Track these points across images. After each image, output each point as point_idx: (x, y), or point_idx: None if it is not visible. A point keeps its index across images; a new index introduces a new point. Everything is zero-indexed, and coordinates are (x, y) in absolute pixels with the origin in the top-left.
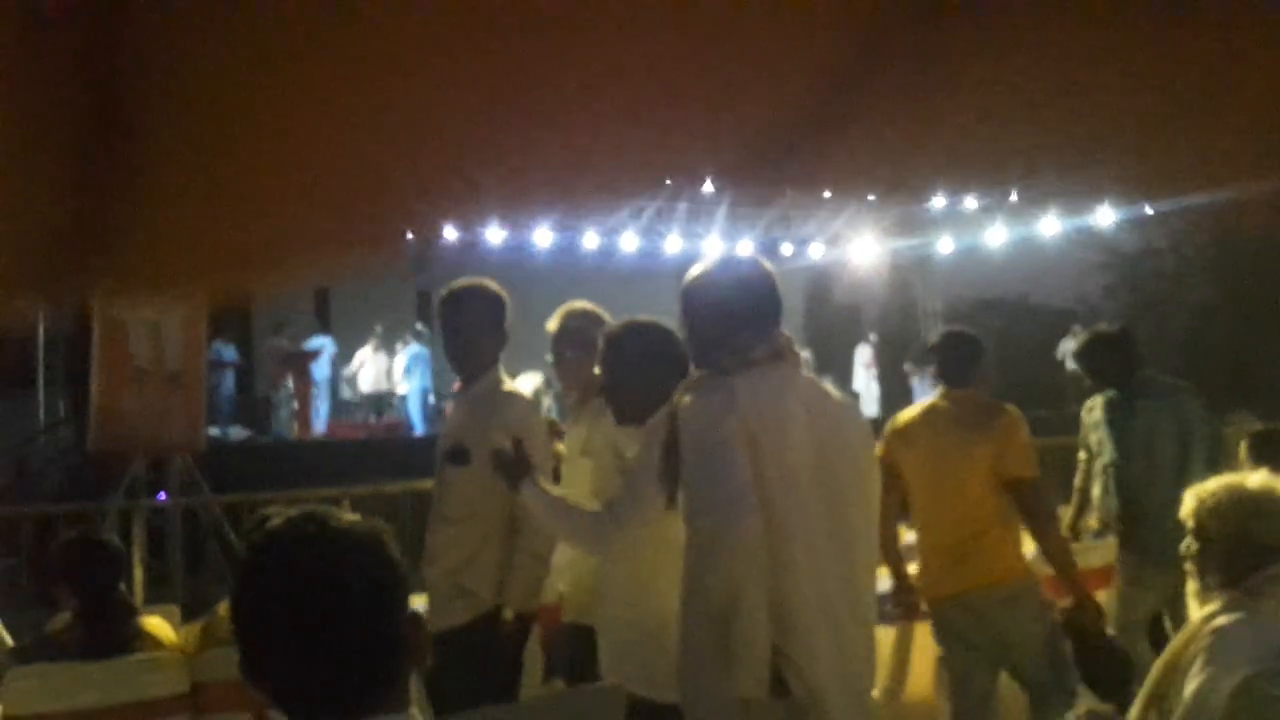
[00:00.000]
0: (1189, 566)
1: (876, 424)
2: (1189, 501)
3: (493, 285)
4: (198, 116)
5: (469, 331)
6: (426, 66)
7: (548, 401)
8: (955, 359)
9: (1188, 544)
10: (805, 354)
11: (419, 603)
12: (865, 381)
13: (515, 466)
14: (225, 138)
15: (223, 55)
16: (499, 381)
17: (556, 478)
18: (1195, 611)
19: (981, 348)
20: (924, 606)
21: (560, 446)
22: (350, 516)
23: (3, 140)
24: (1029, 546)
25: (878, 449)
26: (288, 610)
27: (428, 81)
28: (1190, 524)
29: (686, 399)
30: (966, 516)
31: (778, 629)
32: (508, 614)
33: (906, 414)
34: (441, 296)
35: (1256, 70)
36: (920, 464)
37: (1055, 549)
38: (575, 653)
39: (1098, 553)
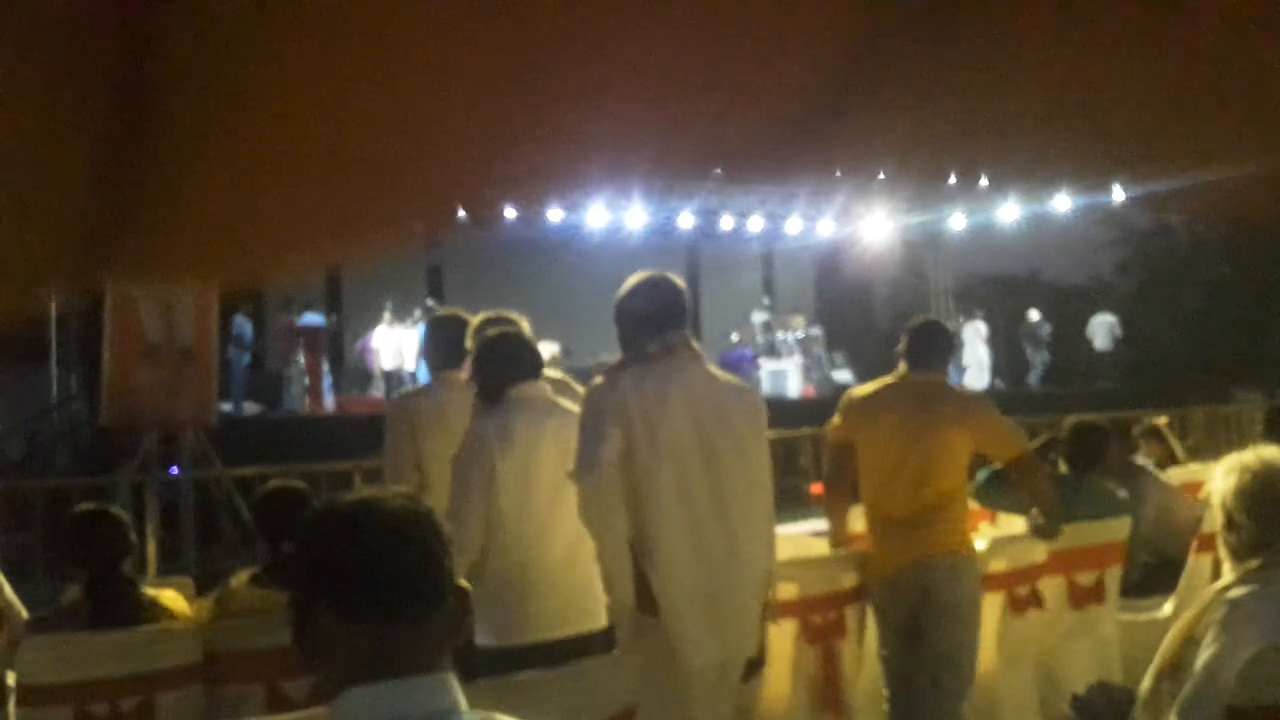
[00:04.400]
0: (1219, 538)
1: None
2: (1216, 477)
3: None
4: (215, 99)
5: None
6: (438, 52)
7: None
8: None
9: (1219, 519)
10: (815, 331)
11: None
12: (978, 356)
13: None
14: (242, 120)
15: (239, 37)
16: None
17: None
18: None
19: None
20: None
21: None
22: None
23: (18, 124)
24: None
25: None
26: (360, 546)
27: (439, 66)
28: (1217, 499)
29: (592, 385)
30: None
31: (645, 558)
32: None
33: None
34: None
35: (1274, 46)
36: (883, 440)
37: None
38: None
39: None
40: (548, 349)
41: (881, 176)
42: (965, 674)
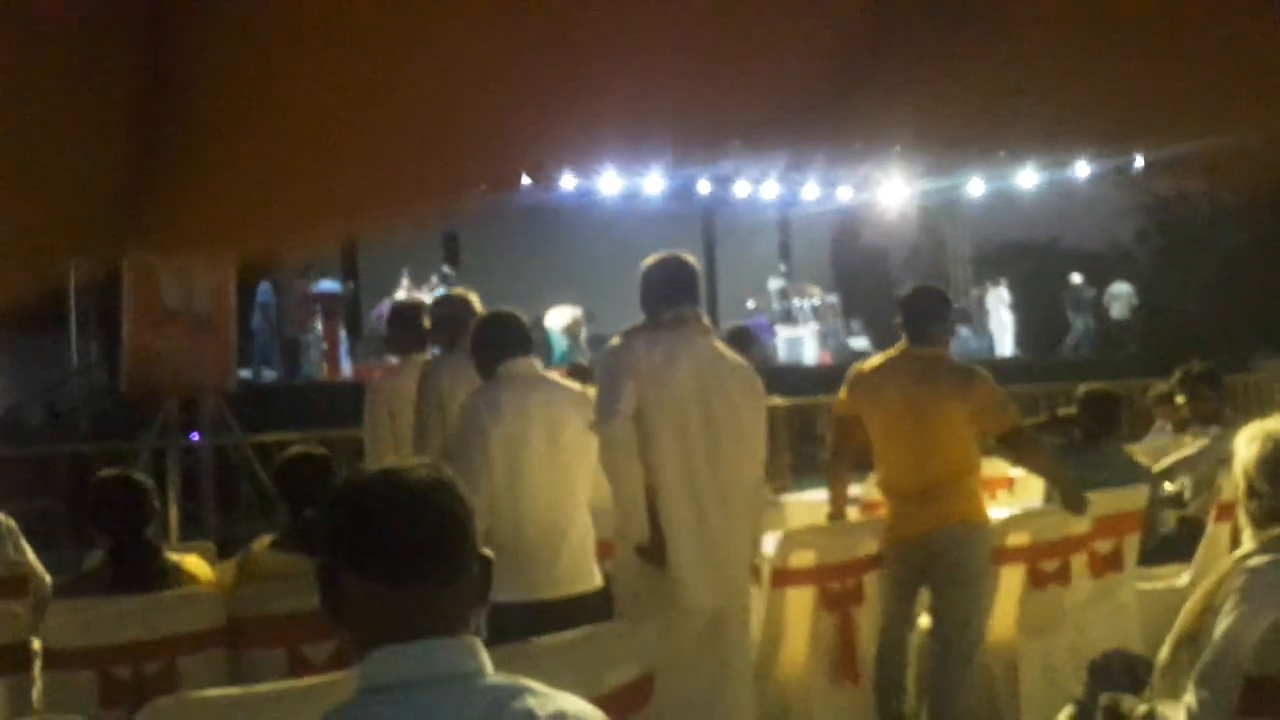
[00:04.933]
0: (1239, 506)
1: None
2: (1238, 445)
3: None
4: (235, 72)
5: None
6: (457, 21)
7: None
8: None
9: (1240, 486)
10: (832, 298)
11: None
12: (1001, 321)
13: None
14: (262, 92)
15: (260, 12)
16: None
17: None
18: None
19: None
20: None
21: (590, 390)
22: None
23: (41, 97)
24: None
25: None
26: (387, 509)
27: (459, 35)
28: (1239, 468)
29: (610, 344)
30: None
31: (652, 501)
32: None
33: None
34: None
35: None
36: (888, 416)
37: None
38: None
39: None
40: (569, 313)
41: (899, 149)
42: (974, 636)
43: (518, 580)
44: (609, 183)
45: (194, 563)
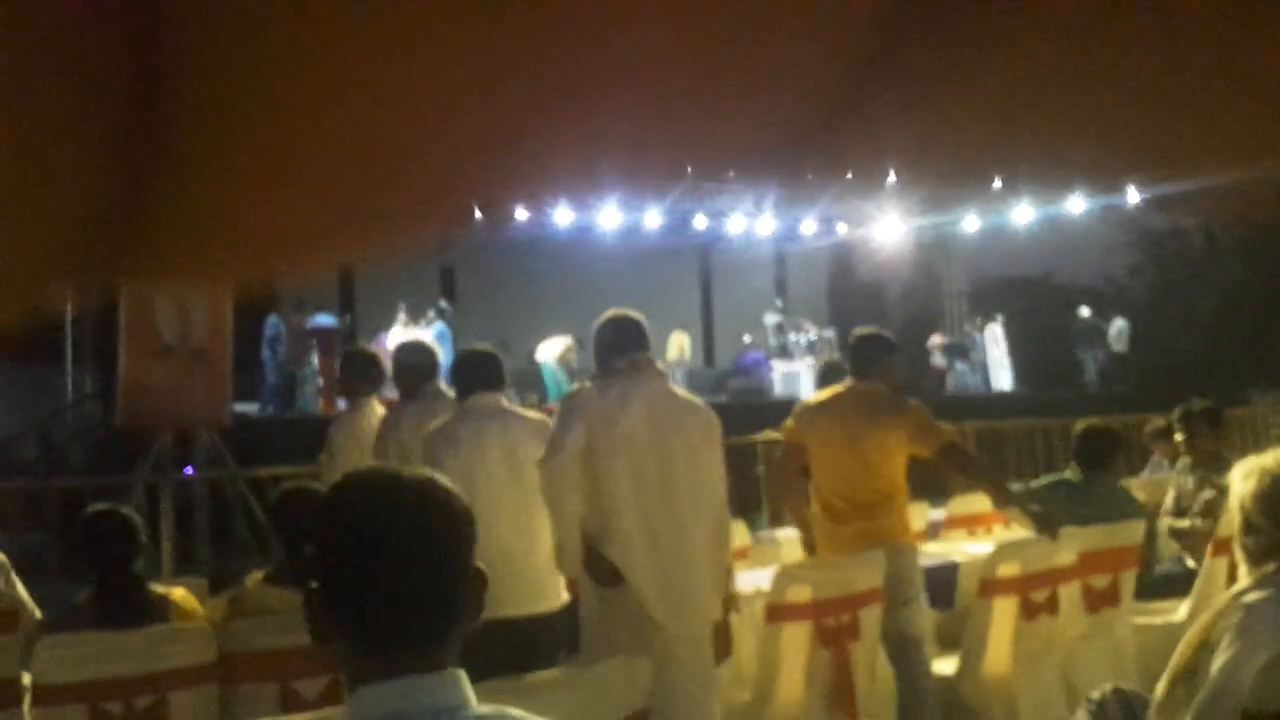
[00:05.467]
0: (1235, 542)
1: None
2: (1234, 480)
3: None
4: (229, 100)
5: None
6: (451, 51)
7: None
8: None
9: (1236, 521)
10: (828, 334)
11: None
12: (997, 358)
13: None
14: (257, 122)
15: (253, 38)
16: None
17: None
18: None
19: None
20: None
21: None
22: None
23: (32, 124)
24: None
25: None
26: (373, 539)
27: (453, 65)
28: (1235, 502)
29: (568, 390)
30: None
31: (603, 539)
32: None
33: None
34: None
35: None
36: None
37: None
38: None
39: None
40: (560, 343)
41: (893, 179)
42: (926, 648)
43: None
44: (606, 218)
45: (181, 595)
